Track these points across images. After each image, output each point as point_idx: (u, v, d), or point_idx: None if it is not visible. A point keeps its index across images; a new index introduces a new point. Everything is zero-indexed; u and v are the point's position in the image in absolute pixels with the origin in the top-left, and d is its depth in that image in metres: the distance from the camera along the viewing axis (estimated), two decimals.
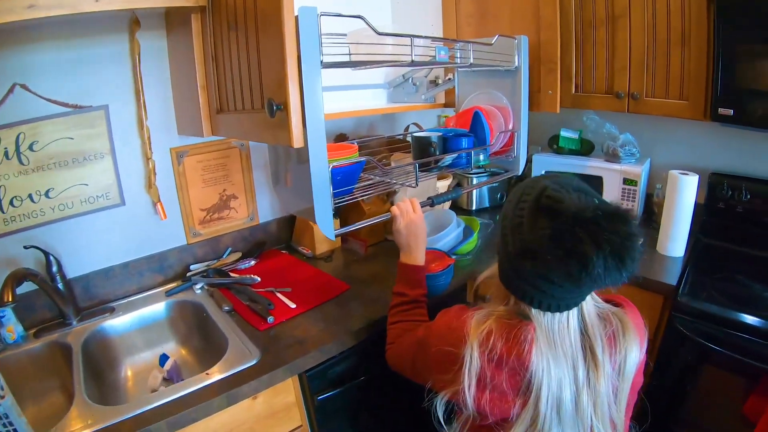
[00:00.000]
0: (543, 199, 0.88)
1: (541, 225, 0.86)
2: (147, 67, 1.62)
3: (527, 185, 0.95)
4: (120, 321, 1.60)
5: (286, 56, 1.07)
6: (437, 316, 1.13)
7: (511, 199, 0.97)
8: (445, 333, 1.05)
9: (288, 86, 1.09)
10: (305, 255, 2.02)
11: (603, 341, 0.94)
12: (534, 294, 0.92)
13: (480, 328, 0.96)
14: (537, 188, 0.91)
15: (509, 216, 0.94)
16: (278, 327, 1.49)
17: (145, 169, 1.69)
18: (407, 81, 2.20)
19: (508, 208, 0.96)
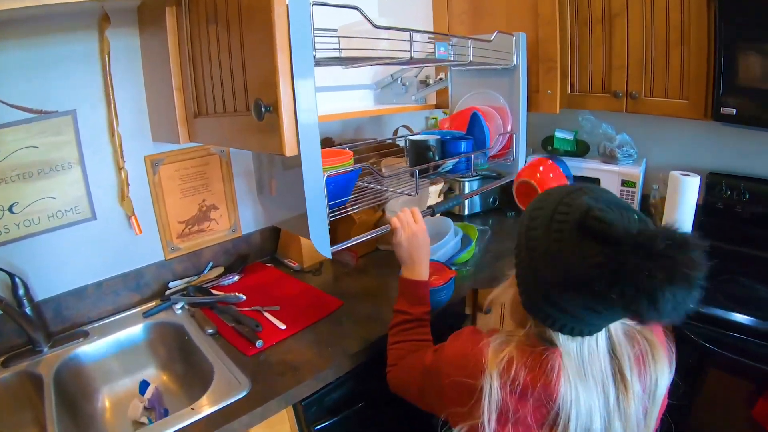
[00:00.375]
0: (589, 221, 0.74)
1: (590, 252, 0.73)
2: (118, 68, 1.49)
3: (560, 201, 0.82)
4: (95, 346, 1.46)
5: (277, 49, 0.94)
6: (448, 340, 1.03)
7: (538, 216, 0.83)
8: (459, 362, 0.94)
9: (279, 84, 0.96)
10: (292, 268, 1.89)
11: (632, 361, 0.87)
12: (568, 321, 0.82)
13: (499, 356, 0.86)
14: (577, 207, 0.78)
15: (541, 238, 0.81)
16: (268, 351, 1.36)
17: (117, 179, 1.55)
18: (396, 81, 2.10)
19: (537, 228, 0.82)
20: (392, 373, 1.22)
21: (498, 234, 2.15)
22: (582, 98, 2.07)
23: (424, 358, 1.07)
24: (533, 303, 0.85)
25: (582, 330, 0.83)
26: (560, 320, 0.82)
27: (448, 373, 0.95)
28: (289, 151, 0.99)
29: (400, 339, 1.26)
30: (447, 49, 1.39)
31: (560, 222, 0.79)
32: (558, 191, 0.86)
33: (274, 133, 1.00)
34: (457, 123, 1.82)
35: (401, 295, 1.31)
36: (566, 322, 0.82)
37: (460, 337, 1.01)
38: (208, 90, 1.27)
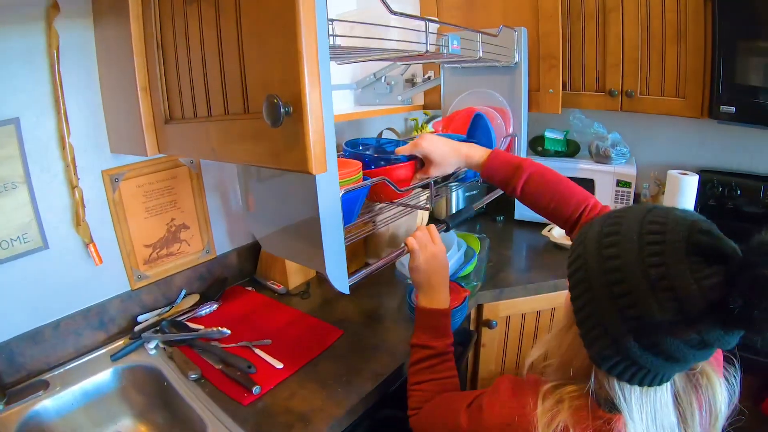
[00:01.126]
0: (696, 236, 0.62)
1: (704, 273, 0.60)
2: (69, 67, 1.24)
3: (642, 219, 0.68)
4: (58, 399, 1.22)
5: (301, 27, 0.70)
6: (485, 400, 0.85)
7: (616, 241, 0.68)
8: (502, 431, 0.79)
9: (303, 75, 0.72)
10: (276, 291, 1.68)
11: (694, 406, 0.74)
12: (661, 370, 0.67)
13: (551, 425, 0.72)
14: (676, 221, 0.65)
15: (630, 266, 0.65)
16: (267, 398, 1.16)
17: (71, 200, 1.30)
18: (379, 80, 1.92)
19: (620, 255, 0.67)
20: (418, 420, 1.06)
21: (494, 241, 2.02)
22: (575, 97, 1.98)
23: (459, 417, 0.89)
24: (613, 354, 0.68)
25: (663, 376, 0.69)
26: (648, 369, 0.67)
27: None
28: (317, 168, 0.77)
29: (424, 378, 1.10)
30: (459, 43, 1.23)
31: (656, 243, 0.64)
32: (633, 211, 0.72)
33: (295, 144, 0.76)
34: (455, 125, 1.66)
35: (420, 328, 1.15)
36: (656, 371, 0.67)
37: (498, 396, 0.84)
38: (185, 88, 1.04)
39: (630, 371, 0.68)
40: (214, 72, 0.94)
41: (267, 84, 0.80)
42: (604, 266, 0.68)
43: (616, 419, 0.70)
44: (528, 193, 1.17)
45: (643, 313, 0.63)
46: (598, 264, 0.69)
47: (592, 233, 0.73)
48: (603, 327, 0.68)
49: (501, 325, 1.72)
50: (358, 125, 2.21)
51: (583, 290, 0.71)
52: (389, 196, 1.22)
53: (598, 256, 0.69)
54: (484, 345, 1.74)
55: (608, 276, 0.67)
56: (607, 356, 0.69)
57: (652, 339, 0.64)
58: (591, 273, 0.70)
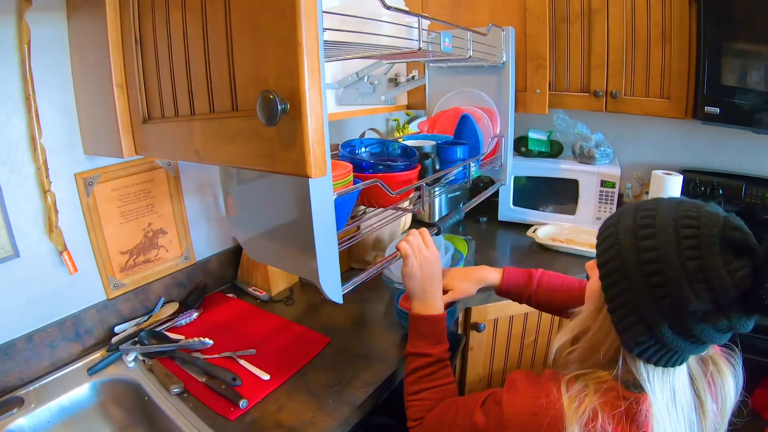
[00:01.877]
0: (730, 231, 0.67)
1: (735, 265, 0.66)
2: (40, 63, 1.17)
3: (676, 215, 0.72)
4: (33, 416, 1.14)
5: (301, 16, 0.64)
6: (504, 395, 0.84)
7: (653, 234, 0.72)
8: (528, 422, 0.79)
9: (303, 68, 0.66)
10: (259, 298, 1.62)
11: (705, 384, 0.81)
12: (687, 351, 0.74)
13: (579, 409, 0.74)
14: (710, 218, 0.69)
15: (667, 258, 0.69)
16: (255, 411, 1.11)
17: (42, 205, 1.22)
18: (362, 80, 1.88)
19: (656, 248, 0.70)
20: (422, 430, 1.02)
21: (478, 242, 1.99)
22: (560, 97, 1.97)
23: (473, 417, 0.88)
24: (646, 339, 0.73)
25: (686, 357, 0.76)
26: (675, 351, 0.73)
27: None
28: (316, 171, 0.71)
29: (423, 387, 1.07)
30: (451, 41, 1.20)
31: (692, 237, 0.69)
32: (665, 204, 0.76)
33: (292, 144, 0.70)
34: (441, 126, 1.63)
35: (416, 335, 1.12)
36: (683, 352, 0.74)
37: (516, 389, 0.84)
38: (165, 85, 0.98)
39: (658, 354, 0.74)
40: (198, 66, 0.87)
41: (260, 78, 0.74)
42: (640, 257, 0.72)
43: (643, 399, 0.74)
44: (542, 295, 1.25)
45: (679, 302, 0.68)
46: (634, 255, 0.72)
47: (626, 224, 0.76)
48: (638, 314, 0.72)
49: (489, 328, 1.70)
50: (340, 126, 2.16)
51: (618, 279, 0.74)
52: (382, 201, 1.18)
53: (634, 247, 0.73)
54: (472, 348, 1.71)
55: (645, 267, 0.71)
56: (640, 341, 0.73)
57: (687, 325, 0.69)
58: (627, 263, 0.73)
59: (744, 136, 1.97)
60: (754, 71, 1.66)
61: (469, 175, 1.42)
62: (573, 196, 2.07)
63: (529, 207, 2.20)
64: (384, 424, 1.26)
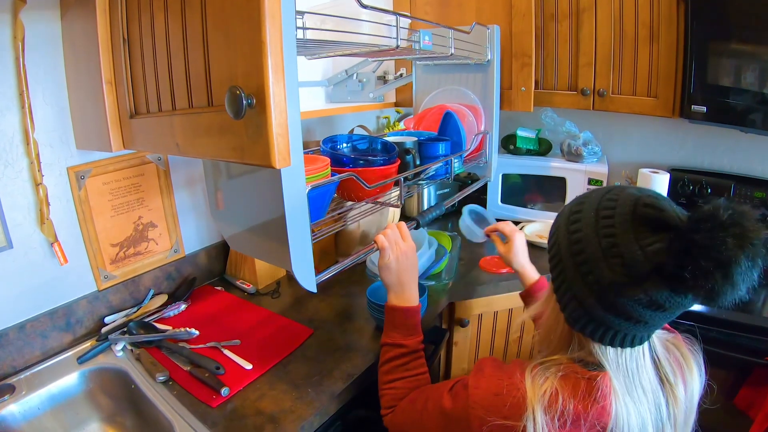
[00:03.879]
0: (642, 209, 0.72)
1: (648, 240, 0.70)
2: (34, 60, 1.20)
3: (601, 197, 0.79)
4: (24, 403, 1.18)
5: (265, 16, 0.69)
6: (470, 379, 0.88)
7: (579, 217, 0.79)
8: (492, 403, 0.82)
9: (267, 66, 0.70)
10: (246, 291, 1.66)
11: (673, 367, 0.84)
12: (624, 328, 0.76)
13: (541, 389, 0.78)
14: (625, 198, 0.76)
15: (588, 237, 0.76)
16: (236, 399, 1.14)
17: (35, 198, 1.26)
18: (351, 77, 1.91)
19: (581, 229, 0.78)
20: (393, 419, 1.06)
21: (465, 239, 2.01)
22: (548, 95, 1.99)
23: (441, 401, 0.91)
24: (581, 315, 0.79)
25: (634, 337, 0.78)
26: (614, 329, 0.77)
27: (480, 417, 0.82)
28: (280, 162, 0.75)
29: (396, 376, 1.09)
30: (431, 39, 1.22)
31: (608, 217, 0.75)
32: (596, 192, 0.83)
33: (258, 137, 0.75)
34: (426, 123, 1.66)
35: (390, 326, 1.14)
36: (621, 330, 0.76)
37: (483, 372, 0.88)
38: (150, 82, 1.01)
39: (599, 331, 0.77)
40: (178, 64, 0.91)
41: (231, 76, 0.78)
42: (569, 239, 0.79)
43: (602, 376, 0.77)
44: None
45: (599, 277, 0.73)
46: (565, 237, 0.80)
47: (563, 212, 0.85)
48: (572, 292, 0.79)
49: (473, 324, 1.73)
50: (330, 122, 2.19)
51: (556, 262, 0.82)
52: (359, 195, 1.21)
53: (565, 230, 0.81)
54: (456, 343, 1.74)
55: (572, 247, 0.78)
56: (576, 317, 0.79)
57: (609, 299, 0.73)
58: (561, 246, 0.81)
59: (732, 135, 1.99)
60: (741, 70, 1.67)
61: (451, 171, 1.45)
62: (561, 193, 2.09)
63: (518, 204, 2.22)
64: (364, 417, 1.29)
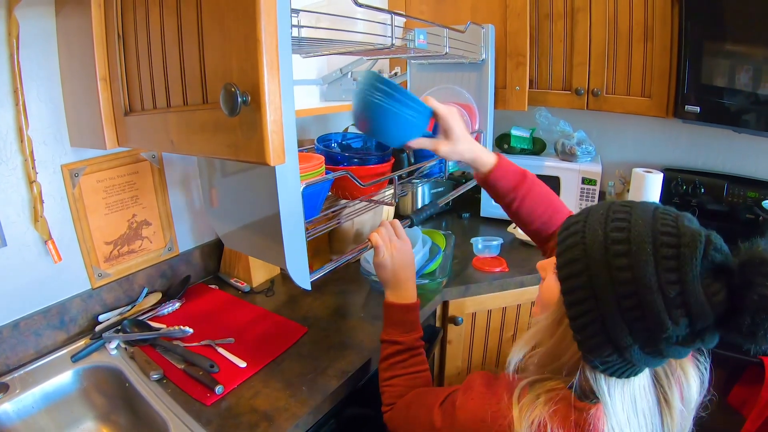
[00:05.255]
0: (712, 253, 0.61)
1: (713, 288, 0.61)
2: (28, 56, 1.20)
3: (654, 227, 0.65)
4: (17, 401, 1.17)
5: (260, 14, 0.68)
6: (458, 396, 0.85)
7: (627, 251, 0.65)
8: (477, 428, 0.78)
9: (262, 64, 0.70)
10: (240, 289, 1.66)
11: (672, 383, 0.76)
12: (648, 365, 0.70)
13: (529, 418, 0.71)
14: (690, 237, 0.63)
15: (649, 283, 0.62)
16: (230, 397, 1.14)
17: (28, 195, 1.26)
18: (345, 76, 1.90)
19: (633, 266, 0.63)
20: (392, 416, 1.06)
21: (459, 237, 2.02)
22: (542, 95, 2.01)
23: (432, 416, 0.89)
24: (613, 360, 0.68)
25: (641, 369, 0.71)
26: (638, 366, 0.69)
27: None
28: (275, 159, 0.75)
29: (395, 374, 1.10)
30: (426, 37, 1.23)
31: (671, 258, 0.62)
32: (641, 213, 0.68)
33: (253, 134, 0.74)
34: None
35: (388, 323, 1.15)
36: (644, 365, 0.70)
37: (471, 392, 0.83)
38: (145, 79, 1.01)
39: (621, 368, 0.69)
40: (173, 61, 0.91)
41: (226, 73, 0.78)
42: (613, 277, 0.65)
43: (595, 408, 0.70)
44: (528, 202, 1.17)
45: (654, 326, 0.62)
46: (605, 273, 0.65)
47: (595, 236, 0.69)
48: (606, 336, 0.66)
49: (467, 322, 1.73)
50: (324, 120, 2.18)
51: (584, 297, 0.68)
52: (354, 193, 1.21)
53: (606, 264, 0.66)
54: (450, 342, 1.74)
55: (618, 288, 0.64)
56: (606, 361, 0.68)
57: (659, 348, 0.65)
58: (596, 281, 0.66)
59: (726, 135, 2.01)
60: (735, 71, 1.68)
61: (445, 169, 1.46)
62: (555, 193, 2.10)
63: None
64: (358, 415, 1.29)
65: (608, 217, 0.70)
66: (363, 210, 1.31)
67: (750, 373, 1.58)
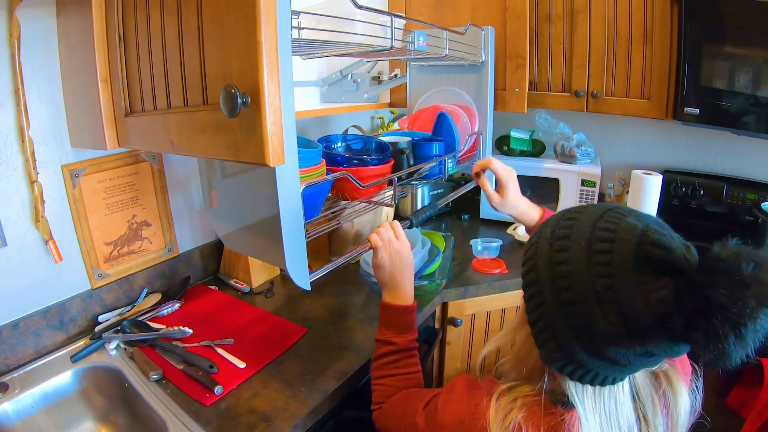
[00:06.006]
0: (646, 247, 0.60)
1: (651, 286, 0.58)
2: (30, 57, 1.20)
3: (593, 225, 0.66)
4: (17, 401, 1.17)
5: (261, 15, 0.69)
6: (440, 399, 0.86)
7: (567, 246, 0.67)
8: (454, 429, 0.79)
9: (262, 66, 0.70)
10: (240, 290, 1.66)
11: (655, 402, 0.74)
12: (605, 372, 0.67)
13: (504, 422, 0.72)
14: (626, 231, 0.63)
15: (578, 274, 0.64)
16: (229, 398, 1.14)
17: (29, 195, 1.26)
18: (345, 77, 1.91)
19: (568, 261, 0.66)
20: (380, 415, 1.07)
21: (459, 239, 2.03)
22: (541, 97, 2.01)
23: (416, 417, 0.90)
24: (560, 357, 0.68)
25: (615, 378, 0.69)
26: (595, 371, 0.67)
27: None
28: (274, 160, 0.75)
29: (386, 373, 1.10)
30: (426, 39, 1.23)
31: (604, 252, 0.63)
32: (587, 214, 0.70)
33: (253, 135, 0.75)
34: (420, 123, 1.67)
35: (384, 323, 1.14)
36: (604, 373, 0.67)
37: (452, 396, 0.84)
38: (145, 80, 1.01)
39: (579, 372, 0.68)
40: (174, 62, 0.91)
41: (226, 74, 0.78)
42: (554, 271, 0.67)
43: (570, 414, 0.70)
44: None
45: (588, 323, 0.63)
46: (548, 268, 0.68)
47: (545, 235, 0.72)
48: (551, 330, 0.68)
49: (466, 323, 1.73)
50: (324, 122, 2.19)
51: (534, 292, 0.71)
52: (353, 194, 1.21)
53: (548, 260, 0.69)
54: (449, 343, 1.74)
55: (557, 282, 0.66)
56: (555, 358, 0.69)
57: (597, 347, 0.64)
58: (541, 276, 0.69)
59: (725, 137, 2.01)
60: (734, 73, 1.69)
61: (445, 171, 1.46)
62: (554, 195, 2.11)
63: None
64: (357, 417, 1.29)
65: (559, 220, 0.72)
66: (363, 211, 1.32)
67: (749, 374, 1.57)
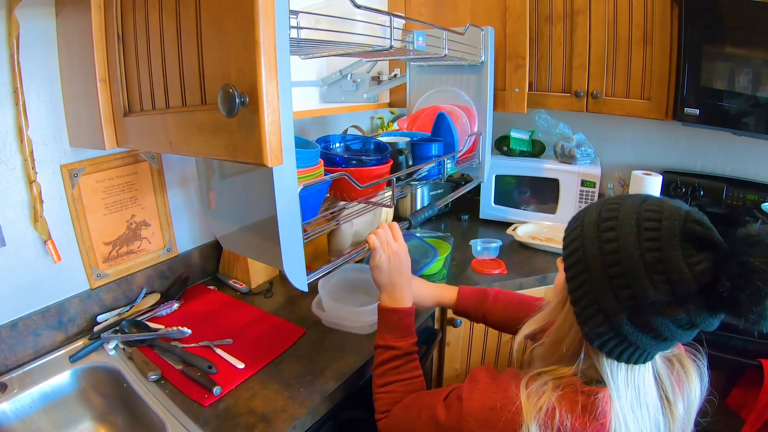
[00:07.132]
0: (690, 225, 0.67)
1: (695, 258, 0.65)
2: (29, 57, 1.20)
3: (639, 208, 0.73)
4: (15, 401, 1.17)
5: (259, 15, 0.69)
6: (464, 389, 0.86)
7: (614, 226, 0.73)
8: (487, 417, 0.80)
9: (260, 65, 0.71)
10: (239, 290, 1.66)
11: (673, 384, 0.81)
12: (647, 347, 0.73)
13: (538, 404, 0.75)
14: (672, 211, 0.70)
15: (628, 249, 0.70)
16: (228, 398, 1.14)
17: (28, 195, 1.26)
18: (345, 77, 1.91)
19: (617, 239, 0.71)
20: (387, 423, 1.05)
21: (458, 240, 2.02)
22: (541, 97, 2.01)
23: (435, 411, 0.89)
24: (606, 331, 0.73)
25: (649, 354, 0.75)
26: (635, 345, 0.73)
27: (473, 431, 0.80)
28: (272, 160, 0.76)
29: (390, 380, 1.08)
30: (425, 39, 1.23)
31: (653, 229, 0.69)
32: (629, 199, 0.77)
33: (251, 135, 0.75)
34: (420, 123, 1.66)
35: (383, 327, 1.13)
36: (643, 347, 0.73)
37: (477, 384, 0.85)
38: (144, 80, 1.01)
39: (620, 348, 0.73)
40: (172, 62, 0.91)
41: (224, 74, 0.78)
42: (602, 248, 0.73)
43: (602, 393, 0.74)
44: (498, 306, 1.27)
45: (637, 293, 0.68)
46: (596, 246, 0.73)
47: (590, 218, 0.78)
48: (598, 305, 0.73)
49: (465, 324, 1.73)
50: (324, 122, 2.19)
51: (580, 270, 0.75)
52: (352, 195, 1.21)
53: (596, 239, 0.74)
54: (448, 344, 1.74)
55: (605, 258, 0.72)
56: (600, 333, 0.73)
57: (645, 318, 0.69)
58: (588, 254, 0.74)
59: (725, 138, 2.01)
60: (734, 74, 1.69)
61: (444, 171, 1.46)
62: (554, 195, 2.11)
63: (511, 206, 2.23)
64: (356, 418, 1.29)
65: (603, 204, 0.79)
66: (361, 212, 1.31)
67: (749, 376, 1.58)
